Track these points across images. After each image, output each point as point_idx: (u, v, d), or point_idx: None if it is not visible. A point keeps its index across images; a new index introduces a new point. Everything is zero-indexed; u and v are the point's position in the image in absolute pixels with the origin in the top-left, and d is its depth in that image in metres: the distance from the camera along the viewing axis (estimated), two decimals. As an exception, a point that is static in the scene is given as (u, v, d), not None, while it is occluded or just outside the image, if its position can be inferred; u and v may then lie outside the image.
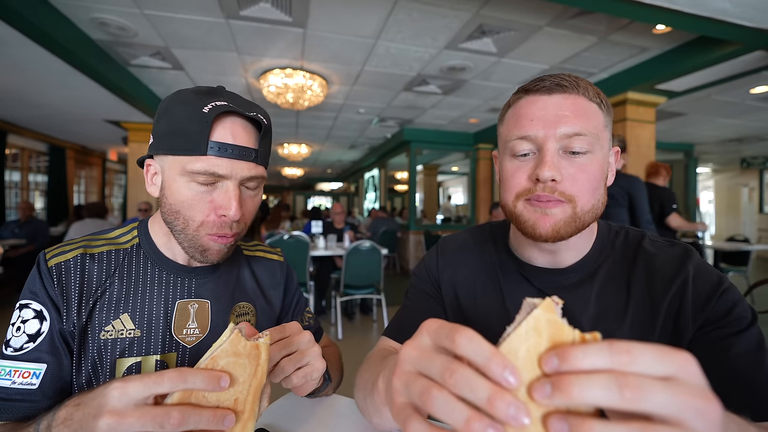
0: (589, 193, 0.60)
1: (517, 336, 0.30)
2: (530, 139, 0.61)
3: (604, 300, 0.64)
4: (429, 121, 6.47)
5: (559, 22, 3.09)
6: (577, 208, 0.60)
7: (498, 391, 0.27)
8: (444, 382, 0.30)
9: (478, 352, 0.29)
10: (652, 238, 0.70)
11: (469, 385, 0.28)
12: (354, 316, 4.45)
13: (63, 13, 3.03)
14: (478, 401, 0.28)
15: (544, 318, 0.30)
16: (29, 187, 7.56)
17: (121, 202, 10.74)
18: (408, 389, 0.32)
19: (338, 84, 4.66)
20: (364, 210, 11.97)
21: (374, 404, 0.57)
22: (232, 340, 0.46)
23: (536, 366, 0.29)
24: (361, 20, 3.13)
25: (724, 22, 2.67)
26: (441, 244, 0.84)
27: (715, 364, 0.55)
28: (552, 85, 0.61)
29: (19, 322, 0.62)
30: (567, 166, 0.60)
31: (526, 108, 0.62)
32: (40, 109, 5.62)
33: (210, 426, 0.43)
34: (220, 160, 0.62)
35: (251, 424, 0.46)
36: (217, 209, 0.64)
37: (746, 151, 8.53)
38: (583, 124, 0.59)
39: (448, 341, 0.31)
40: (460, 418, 0.28)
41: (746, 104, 5.00)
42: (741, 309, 0.58)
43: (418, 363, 0.33)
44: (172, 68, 4.17)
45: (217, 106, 0.61)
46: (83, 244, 0.70)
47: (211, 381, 0.43)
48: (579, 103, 0.60)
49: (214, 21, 3.14)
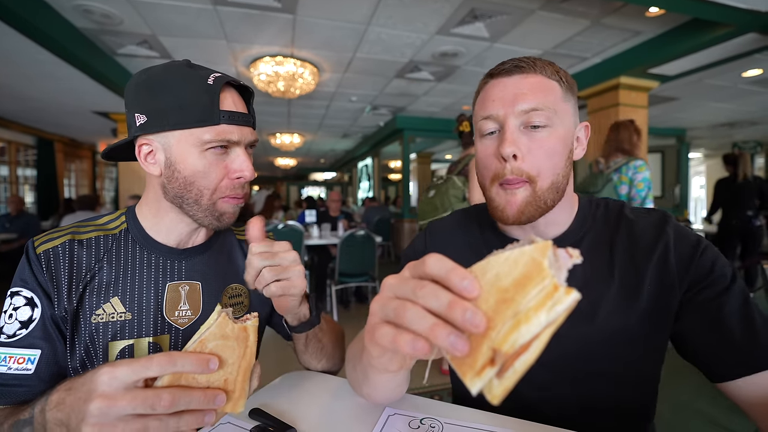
0: (549, 169, 0.63)
1: (495, 260, 0.32)
2: (493, 118, 0.64)
3: (589, 267, 0.66)
4: (422, 108, 6.42)
5: (552, 6, 3.06)
6: (537, 187, 0.63)
7: (457, 299, 0.30)
8: (414, 297, 0.33)
9: (441, 266, 0.32)
10: (631, 207, 0.72)
11: (434, 295, 0.31)
12: (349, 304, 4.47)
13: (45, 0, 2.95)
14: (441, 309, 0.31)
15: (529, 255, 0.31)
16: (18, 181, 7.45)
17: (113, 195, 10.63)
18: (384, 309, 0.35)
19: (329, 72, 4.60)
20: (358, 200, 11.95)
21: (363, 369, 0.59)
22: (220, 323, 0.47)
23: (494, 292, 0.30)
24: (351, 5, 3.08)
25: (716, 3, 2.66)
26: (429, 228, 0.87)
27: (711, 325, 0.60)
28: (511, 67, 0.65)
29: (11, 310, 0.63)
30: (527, 141, 0.62)
31: (490, 90, 0.66)
32: (26, 101, 5.51)
33: (201, 406, 0.43)
34: (231, 127, 0.66)
35: (242, 403, 0.47)
36: (232, 173, 0.68)
37: (738, 136, 8.58)
38: (539, 99, 0.62)
39: (421, 265, 0.34)
40: (426, 325, 0.31)
41: (738, 88, 5.02)
42: (721, 264, 0.61)
43: (395, 288, 0.36)
44: (159, 57, 4.09)
45: (219, 77, 0.65)
46: (71, 231, 0.70)
47: (200, 364, 0.43)
48: (536, 80, 0.63)
49: (201, 7, 3.07)
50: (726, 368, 0.59)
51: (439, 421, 0.63)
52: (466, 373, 0.29)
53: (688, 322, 0.62)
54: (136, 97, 0.65)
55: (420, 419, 0.63)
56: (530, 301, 0.29)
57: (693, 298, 0.61)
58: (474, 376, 0.28)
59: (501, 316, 0.29)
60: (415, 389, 2.23)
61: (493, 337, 0.29)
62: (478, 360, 0.29)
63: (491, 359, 0.28)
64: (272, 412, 0.64)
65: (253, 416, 0.63)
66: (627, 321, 0.63)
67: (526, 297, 0.29)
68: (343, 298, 4.52)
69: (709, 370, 0.61)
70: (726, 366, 0.59)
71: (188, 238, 0.75)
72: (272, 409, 0.65)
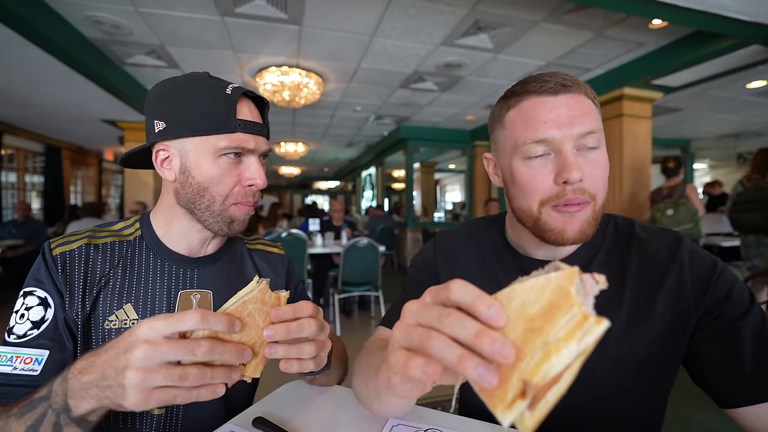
0: (605, 188, 0.63)
1: (520, 287, 0.31)
2: (546, 142, 0.61)
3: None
4: (425, 118, 6.46)
5: (555, 18, 3.09)
6: (597, 206, 0.62)
7: (484, 328, 0.29)
8: (440, 325, 0.32)
9: (467, 293, 0.32)
10: (641, 225, 0.71)
11: (461, 323, 0.30)
12: (352, 314, 4.45)
13: (57, 11, 3.01)
14: (468, 338, 0.30)
15: (555, 282, 0.30)
16: (26, 187, 7.52)
17: (118, 203, 10.70)
18: (408, 337, 0.35)
19: (334, 81, 4.65)
20: (361, 209, 11.97)
21: (376, 388, 0.57)
22: (262, 288, 0.51)
23: (521, 321, 0.29)
24: (356, 17, 3.12)
25: (720, 16, 2.67)
26: (438, 238, 0.85)
27: (724, 351, 0.58)
28: (557, 86, 0.61)
29: (23, 310, 0.63)
30: (584, 164, 0.61)
31: (534, 110, 0.62)
32: (35, 108, 5.59)
33: (232, 358, 0.47)
34: (247, 136, 0.67)
35: (261, 368, 0.51)
36: (245, 180, 0.69)
37: (743, 147, 8.56)
38: (591, 121, 0.61)
39: (444, 291, 0.33)
40: (454, 356, 0.29)
41: (742, 99, 5.02)
42: (739, 289, 0.59)
43: (418, 315, 0.35)
44: (167, 67, 4.15)
45: (237, 88, 0.67)
46: (88, 235, 0.71)
47: (229, 325, 0.47)
48: (583, 101, 0.62)
49: (209, 18, 3.12)
50: (735, 395, 0.57)
51: (443, 433, 0.62)
52: (497, 405, 0.28)
53: (701, 347, 0.61)
54: (158, 104, 0.68)
55: (424, 430, 0.63)
56: (559, 331, 0.28)
57: (709, 323, 0.60)
58: (505, 408, 0.28)
59: (530, 346, 0.28)
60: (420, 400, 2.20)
61: (523, 368, 0.28)
62: (509, 392, 0.28)
63: (522, 391, 0.28)
64: (275, 421, 0.63)
65: (256, 425, 0.63)
66: (637, 343, 0.62)
67: (555, 327, 0.28)
68: (345, 307, 4.50)
69: (717, 395, 0.59)
70: (735, 393, 0.57)
71: (200, 247, 0.75)
72: (275, 418, 0.65)
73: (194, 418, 0.71)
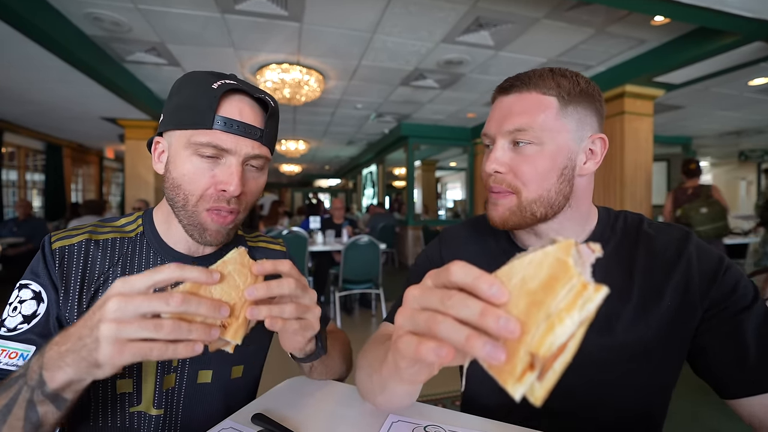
0: (536, 183, 0.64)
1: (519, 263, 0.32)
2: (488, 136, 0.69)
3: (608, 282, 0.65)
4: (426, 116, 6.45)
5: (556, 14, 3.07)
6: (522, 198, 0.65)
7: (488, 307, 0.30)
8: (444, 308, 0.32)
9: (467, 273, 0.32)
10: (649, 221, 0.71)
11: (465, 304, 0.31)
12: (353, 311, 4.45)
13: (57, 8, 3.01)
14: (473, 318, 0.30)
15: (553, 256, 0.31)
16: (26, 185, 7.53)
17: (119, 200, 10.71)
18: (413, 321, 0.35)
19: (335, 79, 4.64)
20: (362, 206, 11.96)
21: (381, 380, 0.57)
22: (241, 252, 0.53)
23: (522, 296, 0.30)
24: (357, 14, 3.11)
25: (722, 12, 2.65)
26: (443, 235, 0.86)
27: (727, 343, 0.60)
28: (508, 85, 0.67)
29: (16, 302, 0.62)
30: (514, 157, 0.65)
31: (493, 108, 0.70)
32: (35, 106, 5.59)
33: (209, 311, 0.46)
34: (226, 135, 0.62)
35: (241, 334, 0.49)
36: (218, 184, 0.64)
37: (744, 144, 8.54)
38: (526, 119, 0.63)
39: (445, 273, 0.34)
40: (461, 336, 0.30)
41: (745, 96, 5.00)
42: (745, 284, 0.61)
43: (420, 299, 0.36)
44: (167, 64, 4.14)
45: (227, 83, 0.63)
46: (90, 230, 0.70)
47: (206, 274, 0.47)
48: (529, 99, 0.64)
49: (209, 15, 3.11)
50: (738, 386, 0.58)
51: (443, 429, 0.62)
52: (507, 380, 0.29)
53: (706, 339, 0.62)
54: (167, 96, 0.68)
55: (424, 426, 0.62)
56: (560, 302, 0.29)
57: (714, 316, 0.61)
58: (515, 382, 0.28)
59: (533, 320, 0.29)
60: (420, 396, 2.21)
61: (529, 341, 0.28)
62: (517, 366, 0.28)
63: (530, 364, 0.28)
64: (275, 418, 0.63)
65: (255, 421, 0.62)
66: (644, 334, 0.63)
67: (556, 298, 0.29)
68: (346, 305, 4.50)
69: (720, 386, 0.61)
70: (738, 384, 0.58)
71: (197, 246, 0.73)
72: (275, 415, 0.65)
73: (193, 419, 0.70)
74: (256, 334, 0.77)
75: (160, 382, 0.67)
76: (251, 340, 0.76)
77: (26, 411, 0.47)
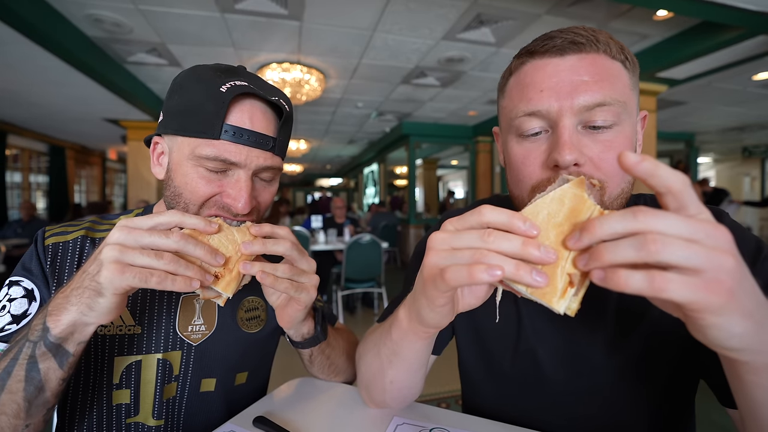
0: (619, 176, 0.50)
1: (543, 201, 0.37)
2: (541, 115, 0.50)
3: None
4: (427, 114, 6.42)
5: (558, 10, 3.05)
6: (605, 197, 0.49)
7: (527, 239, 0.34)
8: (485, 244, 0.35)
9: (500, 214, 0.35)
10: None
11: (506, 239, 0.34)
12: (355, 310, 4.45)
13: (57, 9, 3.00)
14: (515, 249, 0.34)
15: (570, 192, 0.36)
16: (30, 187, 7.56)
17: (122, 201, 10.74)
18: (451, 257, 0.37)
19: (336, 78, 4.62)
20: (364, 205, 11.95)
21: (392, 345, 0.56)
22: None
23: (551, 228, 0.35)
24: (357, 12, 3.09)
25: (726, 6, 2.63)
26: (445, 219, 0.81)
27: None
28: (565, 43, 0.49)
29: (5, 301, 0.58)
30: (589, 144, 0.49)
31: (532, 75, 0.51)
32: (38, 108, 5.60)
33: (205, 255, 0.49)
34: (234, 146, 0.56)
35: (233, 287, 0.52)
36: (225, 195, 0.59)
37: (748, 140, 8.47)
38: (606, 90, 0.48)
39: (476, 215, 0.37)
40: (510, 266, 0.34)
41: (748, 91, 4.95)
42: None
43: (450, 241, 0.38)
44: (168, 65, 4.14)
45: (236, 86, 0.56)
46: (87, 226, 0.66)
47: (205, 222, 0.50)
48: (600, 63, 0.49)
49: (209, 15, 3.11)
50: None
51: (448, 431, 0.61)
52: (551, 299, 0.34)
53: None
54: (167, 93, 0.62)
55: (429, 429, 0.61)
56: None
57: None
58: (559, 298, 0.34)
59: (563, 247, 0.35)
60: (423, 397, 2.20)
61: (563, 265, 0.34)
62: (558, 285, 0.34)
63: (569, 282, 0.34)
64: (277, 421, 0.62)
65: (257, 425, 0.62)
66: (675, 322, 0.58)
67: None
68: (349, 304, 4.50)
69: (720, 391, 0.56)
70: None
71: None
72: (277, 418, 0.64)
73: (194, 430, 0.68)
74: (261, 338, 0.76)
75: (160, 392, 0.64)
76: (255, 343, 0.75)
77: (27, 370, 0.47)
